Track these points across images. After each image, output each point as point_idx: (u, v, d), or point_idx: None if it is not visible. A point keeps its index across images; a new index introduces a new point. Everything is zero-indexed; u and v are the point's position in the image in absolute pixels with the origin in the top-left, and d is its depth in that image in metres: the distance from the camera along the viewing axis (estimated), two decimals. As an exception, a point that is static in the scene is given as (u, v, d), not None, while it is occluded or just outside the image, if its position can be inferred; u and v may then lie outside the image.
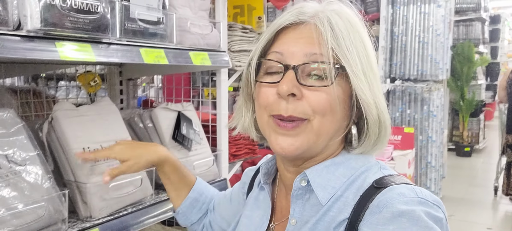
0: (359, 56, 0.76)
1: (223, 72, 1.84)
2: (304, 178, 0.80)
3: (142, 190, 1.50)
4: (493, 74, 10.13)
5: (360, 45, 0.77)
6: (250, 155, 2.05)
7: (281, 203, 0.89)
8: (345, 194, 0.77)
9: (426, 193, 0.71)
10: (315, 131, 0.76)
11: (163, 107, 1.69)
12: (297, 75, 0.75)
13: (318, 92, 0.75)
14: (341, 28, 0.75)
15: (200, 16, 1.73)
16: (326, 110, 0.75)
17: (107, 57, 1.29)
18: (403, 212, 0.67)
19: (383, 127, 0.79)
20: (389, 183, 0.73)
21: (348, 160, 0.81)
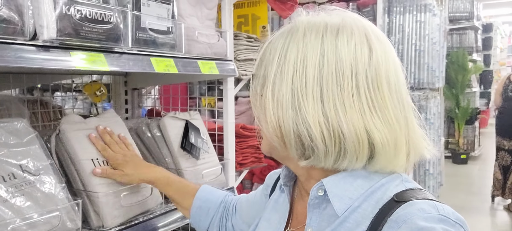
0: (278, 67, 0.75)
1: (230, 81, 1.85)
2: (321, 187, 0.78)
3: (152, 199, 1.50)
4: (487, 82, 10.23)
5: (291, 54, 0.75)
6: (256, 163, 2.06)
7: (298, 209, 0.89)
8: (362, 205, 0.75)
9: (449, 211, 0.68)
10: (264, 135, 0.83)
11: (171, 116, 1.70)
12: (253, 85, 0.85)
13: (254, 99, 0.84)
14: (277, 39, 0.79)
15: (207, 26, 1.74)
16: (258, 117, 0.82)
17: (120, 66, 1.29)
18: (422, 229, 0.64)
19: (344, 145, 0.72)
20: (410, 197, 0.71)
21: (366, 173, 0.77)
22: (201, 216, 1.22)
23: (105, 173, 1.32)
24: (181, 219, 1.58)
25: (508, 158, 5.25)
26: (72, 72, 1.76)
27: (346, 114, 0.71)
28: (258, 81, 0.81)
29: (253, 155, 2.05)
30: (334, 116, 0.71)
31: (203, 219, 1.21)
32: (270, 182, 1.06)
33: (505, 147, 5.26)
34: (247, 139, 2.02)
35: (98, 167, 1.32)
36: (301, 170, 0.82)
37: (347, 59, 0.72)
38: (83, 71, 1.69)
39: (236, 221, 1.16)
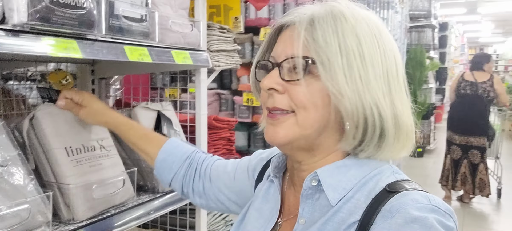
0: (341, 50, 0.75)
1: (203, 71, 1.82)
2: (315, 177, 0.80)
3: (125, 191, 1.46)
4: (442, 78, 10.64)
5: (351, 40, 0.75)
6: (227, 155, 2.05)
7: (289, 200, 0.89)
8: (356, 195, 0.77)
9: (439, 201, 0.71)
10: (299, 123, 0.78)
11: (143, 107, 1.66)
12: (281, 72, 0.79)
13: (297, 86, 0.77)
14: (322, 25, 0.76)
15: (180, 15, 1.71)
16: (305, 104, 0.77)
17: (93, 54, 1.25)
18: (416, 218, 0.67)
19: (387, 132, 0.77)
20: (402, 188, 0.73)
21: (359, 162, 0.80)
22: (165, 169, 1.19)
23: (66, 103, 1.30)
24: (154, 211, 1.55)
25: (458, 152, 5.49)
26: (42, 60, 1.68)
27: (402, 104, 0.80)
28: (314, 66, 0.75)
29: (225, 147, 2.04)
30: (400, 107, 0.79)
31: (166, 172, 1.19)
32: (257, 166, 1.05)
33: (456, 141, 5.49)
34: (219, 131, 2.01)
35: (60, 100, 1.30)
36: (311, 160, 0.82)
37: (394, 51, 0.80)
38: (54, 59, 1.61)
39: (212, 188, 1.13)
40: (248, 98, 4.86)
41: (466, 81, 5.45)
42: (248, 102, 4.85)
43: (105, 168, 1.41)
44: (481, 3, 13.23)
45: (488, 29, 20.35)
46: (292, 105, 0.78)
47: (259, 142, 5.11)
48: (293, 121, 0.78)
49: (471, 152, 5.39)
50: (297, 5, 4.97)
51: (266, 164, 1.03)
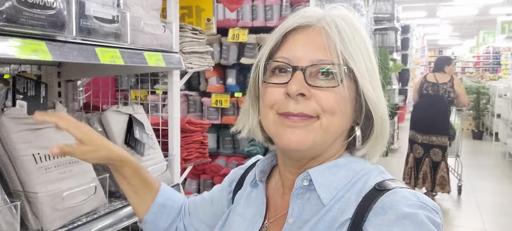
0: (363, 58, 0.78)
1: (175, 73, 1.79)
2: (306, 177, 0.81)
3: (96, 198, 1.41)
4: (404, 80, 10.93)
5: (364, 48, 0.80)
6: (200, 159, 2.02)
7: (275, 201, 0.89)
8: (346, 195, 0.79)
9: (426, 199, 0.74)
10: (323, 128, 0.77)
11: (114, 110, 1.61)
12: (305, 76, 0.77)
13: (327, 92, 0.77)
14: (346, 32, 0.78)
15: (152, 16, 1.67)
16: (335, 109, 0.77)
17: (63, 56, 1.20)
18: (407, 214, 0.69)
19: (385, 128, 0.83)
20: (391, 186, 0.76)
21: (349, 163, 0.83)
22: (163, 215, 1.10)
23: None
24: (127, 218, 1.51)
25: (421, 151, 5.65)
26: (5, 62, 1.60)
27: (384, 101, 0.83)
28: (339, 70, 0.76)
29: (198, 150, 2.01)
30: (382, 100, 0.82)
31: (164, 218, 1.10)
32: (235, 178, 1.04)
33: (419, 140, 5.65)
34: (192, 134, 1.97)
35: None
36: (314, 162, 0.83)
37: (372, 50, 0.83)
38: (18, 60, 1.54)
39: (191, 221, 1.10)
40: (217, 99, 4.83)
41: (429, 82, 5.62)
42: (216, 104, 4.82)
43: (76, 175, 1.36)
44: (440, 7, 13.72)
45: (447, 32, 21.14)
46: (318, 110, 0.77)
47: (228, 143, 5.09)
48: (317, 125, 0.77)
49: (433, 150, 5.55)
50: (265, 7, 4.94)
51: (244, 173, 1.02)
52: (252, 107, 0.89)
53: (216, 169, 4.68)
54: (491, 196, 6.05)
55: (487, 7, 13.59)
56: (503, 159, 8.36)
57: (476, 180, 6.69)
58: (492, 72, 20.09)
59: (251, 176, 0.96)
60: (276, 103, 0.79)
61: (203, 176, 4.79)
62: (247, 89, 0.89)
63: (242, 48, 4.61)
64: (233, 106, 4.83)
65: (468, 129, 10.72)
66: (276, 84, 0.79)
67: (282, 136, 0.78)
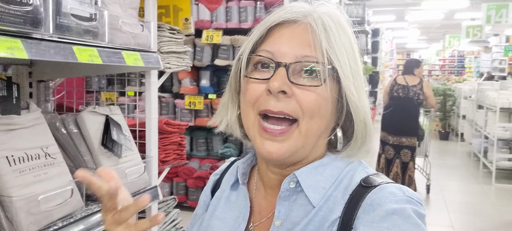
0: (348, 58, 0.76)
1: (153, 73, 1.76)
2: (293, 179, 0.79)
3: (73, 202, 1.37)
4: (374, 82, 11.16)
5: (349, 47, 0.78)
6: (178, 160, 1.99)
7: (259, 204, 0.87)
8: (334, 193, 0.78)
9: (411, 192, 0.75)
10: (303, 134, 0.75)
11: (90, 111, 1.56)
12: (288, 73, 0.74)
13: (309, 92, 0.74)
14: (333, 30, 0.76)
15: (130, 15, 1.64)
16: (315, 111, 0.75)
17: (40, 55, 1.15)
18: (395, 210, 0.70)
19: (368, 130, 0.81)
20: (376, 182, 0.76)
21: (333, 161, 0.82)
22: None
23: None
24: (104, 222, 1.46)
25: (391, 152, 5.78)
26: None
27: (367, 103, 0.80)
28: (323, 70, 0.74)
29: (175, 152, 1.98)
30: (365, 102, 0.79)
31: None
32: (211, 182, 1.00)
33: (390, 142, 5.77)
34: (170, 135, 1.94)
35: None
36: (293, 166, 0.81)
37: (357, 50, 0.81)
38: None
39: None
40: (190, 101, 4.78)
41: (399, 85, 5.74)
42: (190, 106, 4.77)
43: (52, 178, 1.31)
44: (408, 11, 14.07)
45: (414, 36, 21.69)
46: (297, 111, 0.74)
47: (202, 146, 5.05)
48: (296, 134, 0.75)
49: (403, 151, 5.68)
50: (239, 8, 4.92)
51: (219, 177, 0.99)
52: (232, 102, 0.86)
53: (189, 171, 4.63)
54: (457, 195, 6.24)
55: (453, 12, 14.04)
56: (469, 159, 8.64)
57: (444, 179, 6.88)
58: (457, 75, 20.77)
59: (229, 177, 0.94)
60: (257, 100, 0.76)
61: (176, 179, 4.73)
62: (228, 83, 0.85)
63: (216, 50, 4.58)
64: (207, 108, 4.79)
65: (435, 130, 11.02)
66: (257, 80, 0.77)
67: (260, 146, 0.76)
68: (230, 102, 0.86)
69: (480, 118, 7.87)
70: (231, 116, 0.86)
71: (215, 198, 0.95)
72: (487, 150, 7.49)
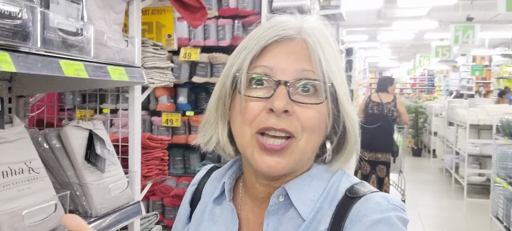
0: (339, 72, 0.78)
1: (137, 89, 1.77)
2: (282, 193, 0.79)
3: (56, 217, 1.35)
4: (349, 99, 11.34)
5: (339, 61, 0.79)
6: (160, 175, 1.99)
7: (247, 217, 0.85)
8: (322, 205, 0.79)
9: (395, 200, 0.78)
10: (300, 149, 0.76)
11: (74, 126, 1.55)
12: (289, 92, 0.74)
13: (309, 109, 0.75)
14: (325, 45, 0.76)
15: (115, 30, 1.65)
16: (314, 128, 0.76)
17: (28, 68, 1.15)
18: (381, 219, 0.73)
19: (358, 141, 0.83)
20: (362, 192, 0.78)
21: (320, 172, 0.83)
22: None
23: None
24: (88, 237, 1.45)
25: (367, 167, 5.88)
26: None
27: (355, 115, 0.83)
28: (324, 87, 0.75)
29: (157, 167, 1.98)
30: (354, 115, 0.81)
31: None
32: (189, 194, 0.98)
33: (366, 158, 5.88)
34: (152, 150, 1.94)
35: None
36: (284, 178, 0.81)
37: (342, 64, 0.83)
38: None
39: None
40: (168, 118, 4.75)
41: (373, 102, 5.88)
42: (167, 123, 4.74)
43: (35, 192, 1.30)
44: (380, 31, 14.46)
45: (386, 55, 22.25)
46: (298, 128, 0.74)
47: (179, 163, 5.00)
48: (294, 148, 0.75)
49: (379, 167, 5.79)
50: (217, 27, 4.96)
51: (197, 187, 0.96)
52: (222, 120, 0.83)
53: (166, 190, 4.57)
54: (431, 210, 6.38)
55: (422, 32, 14.50)
56: (441, 174, 8.86)
57: (418, 195, 7.03)
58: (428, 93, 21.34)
59: (209, 188, 0.92)
60: (256, 119, 0.75)
61: (152, 197, 4.66)
62: (215, 99, 0.83)
63: (194, 67, 4.60)
64: (184, 125, 4.77)
65: (408, 146, 11.27)
66: (256, 98, 0.75)
67: (259, 162, 0.75)
68: (220, 121, 0.83)
69: (451, 134, 8.11)
70: (222, 134, 0.83)
71: (197, 211, 0.92)
72: (458, 165, 7.71)
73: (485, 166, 7.12)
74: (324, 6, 6.25)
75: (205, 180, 0.95)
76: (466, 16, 10.18)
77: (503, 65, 13.94)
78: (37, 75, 1.25)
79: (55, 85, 1.84)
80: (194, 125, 4.64)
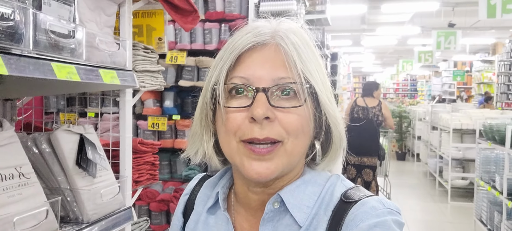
0: (318, 71, 0.77)
1: (128, 92, 1.74)
2: (277, 200, 0.79)
3: (47, 223, 1.32)
4: (334, 104, 11.41)
5: (316, 60, 0.78)
6: (151, 180, 1.96)
7: (241, 226, 0.85)
8: (318, 211, 0.78)
9: (390, 203, 0.77)
10: (288, 153, 0.75)
11: (64, 130, 1.52)
12: (268, 98, 0.74)
13: (290, 113, 0.75)
14: (301, 47, 0.76)
15: (106, 33, 1.62)
16: (299, 131, 0.75)
17: (19, 70, 1.12)
18: (377, 223, 0.72)
19: (343, 139, 0.83)
20: (357, 196, 0.78)
21: (314, 177, 0.82)
22: None
23: None
24: (80, 244, 1.42)
25: (353, 171, 5.92)
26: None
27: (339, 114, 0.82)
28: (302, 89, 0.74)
29: (148, 172, 1.95)
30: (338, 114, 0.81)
31: None
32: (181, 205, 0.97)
33: (352, 162, 5.92)
34: (143, 155, 1.92)
35: None
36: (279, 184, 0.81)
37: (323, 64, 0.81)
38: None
39: None
40: (154, 122, 4.71)
41: (359, 106, 5.93)
42: (153, 127, 4.69)
43: (26, 198, 1.26)
44: (364, 36, 14.62)
45: (370, 60, 22.50)
46: (282, 134, 0.74)
47: (165, 168, 4.95)
48: (282, 152, 0.75)
49: (365, 170, 5.83)
50: (204, 30, 4.95)
51: (190, 197, 0.96)
52: (206, 132, 0.83)
53: (152, 195, 4.52)
54: (417, 213, 6.45)
55: (405, 38, 14.72)
56: (425, 178, 8.97)
57: (403, 199, 7.10)
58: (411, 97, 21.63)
59: (202, 197, 0.91)
60: (240, 129, 0.75)
61: (138, 202, 4.59)
62: (199, 112, 0.83)
63: (180, 71, 4.57)
64: (170, 129, 4.73)
65: (393, 151, 11.39)
66: (237, 109, 0.75)
67: (248, 169, 0.75)
68: (205, 134, 0.83)
69: (434, 138, 8.22)
70: (208, 147, 0.83)
71: (191, 221, 0.91)
72: (442, 169, 7.81)
73: (469, 169, 7.24)
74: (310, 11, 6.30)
75: (198, 189, 0.94)
76: (448, 22, 10.36)
77: (483, 71, 14.23)
78: (25, 78, 1.22)
79: (44, 88, 1.80)
80: (181, 129, 4.61)
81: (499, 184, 4.51)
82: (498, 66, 11.47)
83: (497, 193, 4.48)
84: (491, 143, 4.79)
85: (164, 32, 2.02)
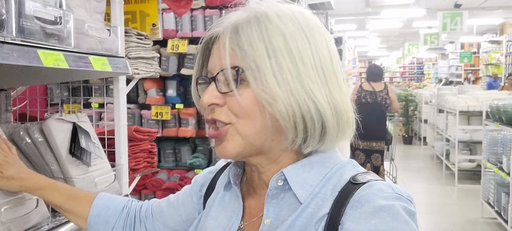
0: (268, 53, 0.74)
1: (121, 79, 1.71)
2: (280, 177, 0.80)
3: (39, 212, 1.30)
4: (339, 89, 11.35)
5: (277, 40, 0.75)
6: (149, 168, 1.94)
7: (249, 203, 0.88)
8: (322, 190, 0.78)
9: (401, 189, 0.75)
10: (241, 133, 0.78)
11: (57, 119, 1.50)
12: (217, 85, 0.79)
13: (233, 97, 0.77)
14: (246, 29, 0.76)
15: (96, 19, 1.59)
16: (243, 114, 0.77)
17: (2, 58, 1.10)
18: (384, 206, 0.70)
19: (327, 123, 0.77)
20: (366, 179, 0.76)
21: (323, 159, 0.82)
22: (101, 224, 1.09)
23: None
24: (73, 233, 1.40)
25: (362, 157, 5.89)
26: None
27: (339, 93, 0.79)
28: (244, 74, 0.76)
29: (146, 160, 1.93)
30: (337, 96, 0.78)
31: (102, 228, 1.09)
32: (205, 182, 1.01)
33: (360, 147, 5.88)
34: (140, 143, 1.90)
35: None
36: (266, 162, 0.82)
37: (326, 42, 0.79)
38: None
39: (154, 225, 1.06)
40: (157, 111, 4.70)
41: (366, 91, 5.87)
42: (157, 116, 4.69)
43: (16, 188, 1.24)
44: (369, 20, 14.47)
45: (375, 44, 22.31)
46: (231, 116, 0.78)
47: (170, 157, 4.96)
48: (231, 132, 0.79)
49: (374, 155, 5.79)
50: (204, 17, 4.91)
51: (214, 176, 1.00)
52: None
53: (157, 183, 4.53)
54: (423, 196, 6.41)
55: (411, 21, 14.55)
56: (432, 161, 8.92)
57: (410, 182, 7.07)
58: (417, 81, 21.46)
59: (223, 178, 0.95)
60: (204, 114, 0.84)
61: (144, 191, 4.62)
62: None
63: (182, 59, 4.55)
64: (174, 118, 4.73)
65: (399, 135, 11.32)
66: None
67: (215, 149, 0.82)
68: None
69: (441, 121, 8.15)
70: None
71: (210, 199, 0.96)
72: (449, 152, 7.75)
73: (476, 152, 7.17)
74: (313, -5, 6.22)
75: (221, 171, 0.99)
76: (453, 3, 10.21)
77: (491, 52, 14.05)
78: (15, 67, 1.20)
79: (36, 77, 1.77)
80: (184, 117, 4.60)
81: (506, 165, 4.45)
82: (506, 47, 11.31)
83: (504, 174, 4.43)
84: (498, 124, 4.73)
85: (158, 18, 1.98)
